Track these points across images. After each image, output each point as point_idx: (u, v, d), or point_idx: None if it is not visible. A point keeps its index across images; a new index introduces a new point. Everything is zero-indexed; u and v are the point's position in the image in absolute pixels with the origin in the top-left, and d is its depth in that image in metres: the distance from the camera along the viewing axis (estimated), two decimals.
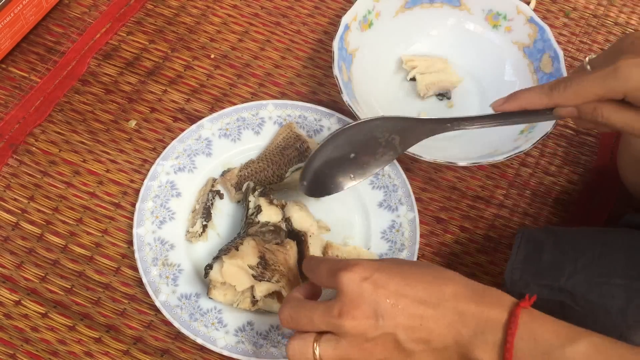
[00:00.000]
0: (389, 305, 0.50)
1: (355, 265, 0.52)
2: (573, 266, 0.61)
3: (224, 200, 0.73)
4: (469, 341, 0.49)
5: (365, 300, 0.50)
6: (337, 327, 0.50)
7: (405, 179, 0.73)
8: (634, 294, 0.57)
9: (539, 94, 0.57)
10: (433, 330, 0.50)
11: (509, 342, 0.48)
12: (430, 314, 0.50)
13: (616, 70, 0.52)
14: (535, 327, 0.48)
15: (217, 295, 0.63)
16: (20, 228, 0.71)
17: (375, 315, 0.50)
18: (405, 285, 0.51)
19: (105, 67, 0.82)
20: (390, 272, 0.52)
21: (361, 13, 0.79)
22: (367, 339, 0.50)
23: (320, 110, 0.77)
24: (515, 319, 0.48)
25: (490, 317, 0.49)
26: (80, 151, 0.76)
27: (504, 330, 0.48)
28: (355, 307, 0.50)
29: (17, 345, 0.65)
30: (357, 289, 0.51)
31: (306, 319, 0.52)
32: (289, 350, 0.53)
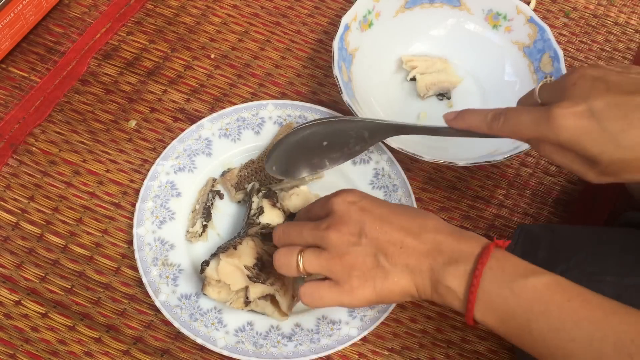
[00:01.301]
0: (374, 226, 0.54)
1: (346, 192, 0.58)
2: (566, 264, 0.61)
3: (224, 200, 0.73)
4: (442, 268, 0.53)
5: (352, 219, 0.55)
6: (323, 239, 0.55)
7: (405, 179, 0.73)
8: (623, 290, 0.58)
9: (482, 121, 0.58)
10: (411, 254, 0.54)
11: (478, 270, 0.51)
12: (410, 240, 0.54)
13: (549, 119, 0.51)
14: (505, 262, 0.52)
15: (211, 292, 0.63)
16: (20, 228, 0.71)
17: (359, 233, 0.54)
18: (390, 214, 0.56)
19: (105, 67, 0.82)
20: (378, 202, 0.57)
21: (361, 13, 0.79)
22: (349, 252, 0.54)
23: (320, 110, 0.77)
24: (488, 251, 0.52)
25: (464, 249, 0.53)
26: (80, 151, 0.76)
27: (475, 261, 0.52)
28: (342, 223, 0.55)
29: (17, 345, 0.65)
30: (345, 209, 0.56)
31: (296, 232, 0.58)
32: (275, 260, 0.58)
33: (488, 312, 0.51)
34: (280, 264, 0.58)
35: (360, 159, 0.75)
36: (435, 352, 0.68)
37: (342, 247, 0.54)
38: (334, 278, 0.55)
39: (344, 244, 0.54)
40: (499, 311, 0.51)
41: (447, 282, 0.52)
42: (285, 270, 0.58)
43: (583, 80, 0.51)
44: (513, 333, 0.51)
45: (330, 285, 0.55)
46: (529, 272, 0.51)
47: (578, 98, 0.50)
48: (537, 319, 0.49)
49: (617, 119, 0.49)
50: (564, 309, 0.49)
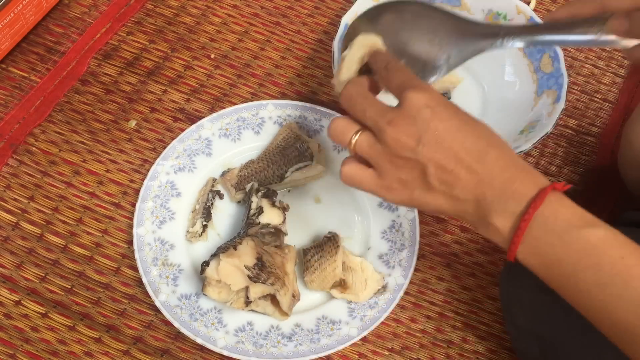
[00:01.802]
0: (434, 138, 0.51)
1: (426, 90, 0.52)
2: None
3: (224, 200, 0.73)
4: (490, 204, 0.50)
5: (417, 123, 0.51)
6: (381, 131, 0.52)
7: None
8: None
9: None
10: (461, 179, 0.50)
11: (529, 214, 0.48)
12: (466, 164, 0.50)
13: None
14: (559, 207, 0.49)
15: (212, 292, 0.63)
16: (20, 228, 0.71)
17: (418, 139, 0.51)
18: (458, 130, 0.51)
19: (105, 67, 0.82)
20: (452, 112, 0.52)
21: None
22: (399, 156, 0.51)
23: (320, 110, 0.77)
24: (543, 194, 0.48)
25: (518, 188, 0.49)
26: (80, 151, 0.76)
27: (527, 203, 0.49)
28: (406, 124, 0.51)
29: (17, 345, 0.65)
30: (416, 110, 0.51)
31: (361, 107, 0.54)
32: (332, 124, 0.55)
33: (532, 256, 0.49)
34: (334, 133, 0.55)
35: None
36: (435, 352, 0.68)
37: (396, 148, 0.51)
38: (378, 170, 0.53)
39: (399, 145, 0.51)
40: (544, 257, 0.49)
41: (493, 220, 0.50)
42: (334, 139, 0.56)
43: None
44: (556, 280, 0.49)
45: (372, 175, 0.54)
46: (585, 222, 0.48)
47: None
48: (584, 271, 0.47)
49: None
50: (616, 265, 0.46)
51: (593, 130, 0.84)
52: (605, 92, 0.87)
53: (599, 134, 0.83)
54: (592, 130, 0.84)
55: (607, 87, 0.87)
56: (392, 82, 0.55)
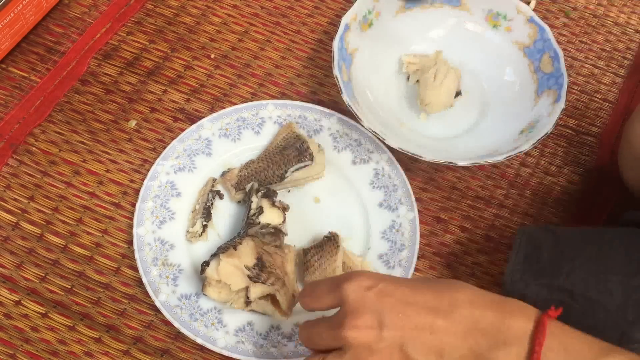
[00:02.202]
0: (395, 314, 0.47)
1: (359, 275, 0.49)
2: (571, 264, 0.61)
3: (224, 200, 0.73)
4: (489, 352, 0.46)
5: (368, 309, 0.47)
6: (341, 340, 0.48)
7: (405, 179, 0.73)
8: (632, 291, 0.57)
9: None
10: (446, 341, 0.46)
11: (537, 352, 0.44)
12: (441, 323, 0.47)
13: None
14: (565, 339, 0.46)
15: (212, 292, 0.63)
16: (20, 228, 0.71)
17: (379, 325, 0.47)
18: (413, 294, 0.48)
19: (105, 67, 0.82)
20: (397, 282, 0.49)
21: (361, 13, 0.79)
22: (372, 351, 0.47)
23: (320, 110, 0.77)
24: (544, 328, 0.45)
25: (512, 326, 0.46)
26: (80, 151, 0.76)
27: (530, 341, 0.45)
28: (358, 317, 0.47)
29: (17, 345, 0.65)
30: (359, 298, 0.48)
31: (317, 336, 0.51)
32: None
33: None
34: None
35: (360, 159, 0.75)
36: None
37: (362, 347, 0.47)
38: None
39: (365, 341, 0.47)
40: None
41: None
42: None
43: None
44: None
45: None
46: (596, 351, 0.45)
47: None
48: None
49: None
50: None
51: (593, 130, 0.84)
52: (605, 92, 0.87)
53: (599, 134, 0.83)
54: (592, 130, 0.84)
55: (607, 87, 0.87)
56: (322, 295, 0.51)
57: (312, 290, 0.53)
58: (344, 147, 0.76)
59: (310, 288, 0.53)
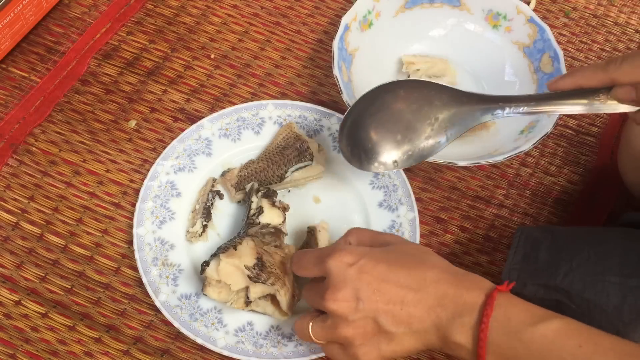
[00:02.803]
0: (371, 289, 0.53)
1: (342, 251, 0.55)
2: (569, 265, 0.61)
3: (224, 200, 0.73)
4: (447, 324, 0.51)
5: (348, 284, 0.53)
6: (323, 308, 0.55)
7: (405, 179, 0.73)
8: (629, 292, 0.58)
9: (595, 69, 0.56)
10: (413, 314, 0.52)
11: (484, 323, 0.49)
12: (410, 298, 0.52)
13: None
14: (510, 309, 0.50)
15: (212, 292, 0.63)
16: (20, 228, 0.71)
17: (356, 299, 0.53)
18: (388, 272, 0.53)
19: (105, 67, 0.82)
20: (376, 259, 0.55)
21: (361, 13, 0.79)
22: (348, 321, 0.53)
23: (320, 110, 0.77)
24: (492, 300, 0.50)
25: (467, 300, 0.51)
26: (80, 151, 0.76)
27: (479, 312, 0.50)
28: (338, 290, 0.53)
29: (17, 345, 0.65)
30: (341, 273, 0.54)
31: (309, 299, 0.58)
32: (295, 329, 0.59)
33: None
34: (297, 330, 0.59)
35: None
36: (435, 352, 0.68)
37: (341, 316, 0.53)
38: (341, 343, 0.55)
39: (342, 313, 0.53)
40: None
41: (455, 338, 0.51)
42: (302, 338, 0.58)
43: None
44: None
45: (339, 348, 0.56)
46: (537, 318, 0.50)
47: None
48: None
49: None
50: (577, 356, 0.47)
51: (593, 130, 0.84)
52: None
53: (599, 134, 0.83)
54: (592, 130, 0.84)
55: None
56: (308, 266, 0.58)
57: (300, 259, 0.60)
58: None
59: (298, 257, 0.60)
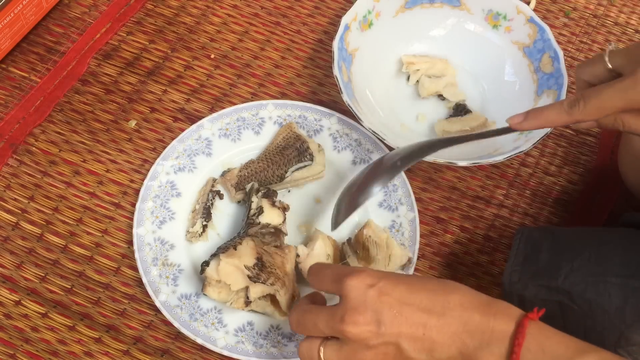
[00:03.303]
0: (393, 313, 0.50)
1: (361, 272, 0.52)
2: (570, 266, 0.61)
3: (224, 200, 0.73)
4: (474, 352, 0.49)
5: (369, 307, 0.50)
6: (340, 333, 0.51)
7: (406, 179, 0.73)
8: (630, 293, 0.58)
9: (559, 112, 0.56)
10: (436, 340, 0.49)
11: (516, 353, 0.47)
12: (434, 323, 0.50)
13: (637, 82, 0.51)
14: (543, 339, 0.48)
15: (212, 292, 0.63)
16: (20, 228, 0.71)
17: (377, 322, 0.50)
18: (409, 294, 0.51)
19: (105, 67, 0.82)
20: (396, 280, 0.52)
21: (361, 13, 0.79)
22: (369, 346, 0.50)
23: (320, 110, 0.77)
24: (523, 329, 0.48)
25: (496, 328, 0.49)
26: (80, 151, 0.76)
27: (510, 342, 0.48)
28: (358, 314, 0.50)
29: (17, 345, 0.65)
30: (361, 295, 0.51)
31: (311, 323, 0.53)
32: (300, 352, 0.54)
33: None
34: (303, 356, 0.54)
35: (360, 159, 0.75)
36: None
37: (360, 342, 0.50)
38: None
39: (362, 338, 0.50)
40: None
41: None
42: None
43: None
44: None
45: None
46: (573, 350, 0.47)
47: None
48: None
49: None
50: None
51: (593, 130, 0.84)
52: None
53: (599, 134, 0.83)
54: (592, 130, 0.84)
55: None
56: (325, 281, 0.55)
57: (318, 272, 0.56)
58: (344, 147, 0.76)
59: (316, 269, 0.57)
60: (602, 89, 0.54)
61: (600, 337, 0.58)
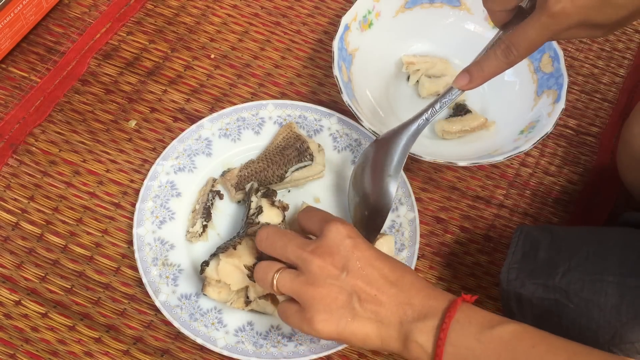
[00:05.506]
0: (358, 266, 0.54)
1: (346, 224, 0.56)
2: (567, 264, 0.61)
3: (224, 200, 0.73)
4: (411, 323, 0.53)
5: (340, 252, 0.54)
6: (305, 262, 0.55)
7: (406, 179, 0.73)
8: (627, 291, 0.58)
9: (497, 63, 0.59)
10: (384, 305, 0.53)
11: (445, 323, 0.51)
12: (386, 289, 0.54)
13: (553, 15, 0.53)
14: (471, 313, 0.52)
15: (212, 292, 0.63)
16: (20, 228, 0.71)
17: (342, 268, 0.54)
18: (376, 260, 0.55)
19: (105, 67, 0.82)
20: (369, 245, 0.56)
21: (361, 13, 0.79)
22: (324, 284, 0.54)
23: (320, 110, 0.77)
24: (455, 305, 0.52)
25: (433, 304, 0.53)
26: (80, 151, 0.76)
27: (442, 315, 0.52)
28: (329, 253, 0.54)
29: (17, 345, 0.65)
30: (339, 240, 0.55)
31: (281, 243, 0.57)
32: (255, 273, 0.59)
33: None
34: (258, 277, 0.58)
35: None
36: None
37: (320, 276, 0.54)
38: (301, 303, 0.55)
39: (323, 274, 0.54)
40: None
41: (416, 338, 0.52)
42: (261, 284, 0.58)
43: None
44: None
45: (297, 309, 0.55)
46: (496, 322, 0.51)
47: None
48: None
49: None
50: (530, 354, 0.49)
51: (593, 130, 0.84)
52: (604, 91, 0.87)
53: (599, 134, 0.83)
54: (592, 130, 0.84)
55: (606, 87, 0.87)
56: (312, 219, 0.60)
57: (309, 212, 0.62)
58: (344, 147, 0.76)
59: (309, 209, 0.63)
60: (526, 31, 0.56)
61: (594, 336, 0.58)
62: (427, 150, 0.72)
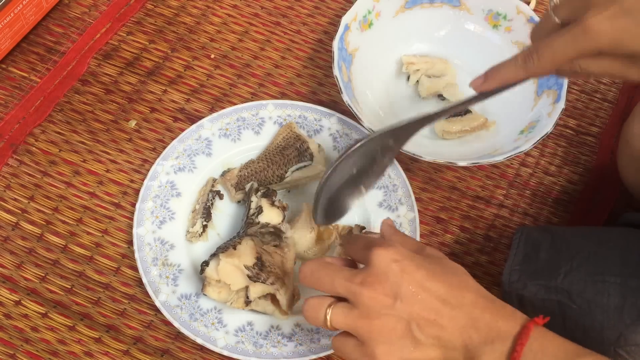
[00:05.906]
0: (410, 291, 0.51)
1: (390, 246, 0.53)
2: (569, 265, 0.61)
3: (224, 200, 0.73)
4: (478, 347, 0.50)
5: (390, 279, 0.51)
6: (355, 295, 0.51)
7: (405, 179, 0.73)
8: (629, 292, 0.58)
9: (515, 69, 0.56)
10: (446, 329, 0.50)
11: (517, 352, 0.48)
12: (446, 312, 0.51)
13: (585, 29, 0.50)
14: (545, 342, 0.49)
15: (212, 292, 0.63)
16: (20, 228, 0.71)
17: (394, 295, 0.51)
18: (429, 280, 0.51)
19: (105, 67, 0.82)
20: (419, 264, 0.53)
21: (361, 13, 0.79)
22: (380, 316, 0.51)
23: (320, 110, 0.77)
24: (527, 331, 0.49)
25: (502, 328, 0.50)
26: (80, 151, 0.76)
27: (513, 341, 0.49)
28: (379, 282, 0.51)
29: (17, 345, 0.65)
30: (385, 266, 0.51)
31: (328, 278, 0.54)
32: (304, 311, 0.55)
33: None
34: (308, 315, 0.54)
35: None
36: None
37: (374, 308, 0.51)
38: (359, 338, 0.52)
39: (376, 305, 0.51)
40: None
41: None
42: (312, 322, 0.55)
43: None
44: None
45: (356, 344, 0.53)
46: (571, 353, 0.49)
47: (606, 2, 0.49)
48: None
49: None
50: None
51: (593, 130, 0.84)
52: (604, 91, 0.87)
53: (599, 134, 0.83)
54: (592, 130, 0.84)
55: (606, 86, 0.87)
56: (356, 247, 0.57)
57: (352, 240, 0.59)
58: (344, 147, 0.76)
59: (353, 237, 0.61)
60: (553, 40, 0.53)
61: (599, 336, 0.58)
62: (427, 150, 0.71)
